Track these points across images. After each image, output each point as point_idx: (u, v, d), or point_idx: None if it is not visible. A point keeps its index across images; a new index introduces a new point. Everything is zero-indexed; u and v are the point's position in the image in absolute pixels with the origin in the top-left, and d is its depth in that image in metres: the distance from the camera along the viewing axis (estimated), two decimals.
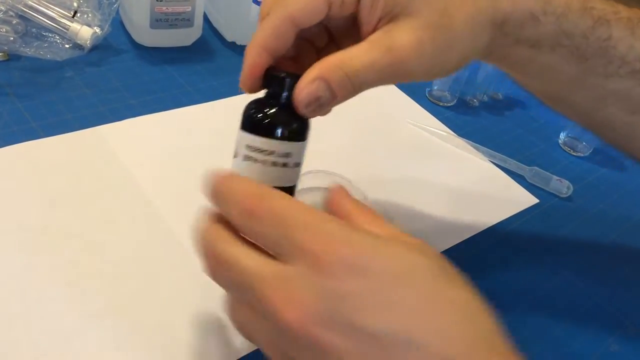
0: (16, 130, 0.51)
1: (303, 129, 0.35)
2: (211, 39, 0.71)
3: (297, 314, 0.27)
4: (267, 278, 0.28)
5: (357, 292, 0.26)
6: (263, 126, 0.33)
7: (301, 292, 0.27)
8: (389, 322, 0.26)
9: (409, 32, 0.33)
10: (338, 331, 0.26)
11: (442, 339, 0.26)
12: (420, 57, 0.34)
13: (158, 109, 0.57)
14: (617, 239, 0.57)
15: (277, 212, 0.29)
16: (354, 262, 0.27)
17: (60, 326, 0.37)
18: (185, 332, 0.39)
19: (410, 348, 0.26)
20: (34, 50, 0.59)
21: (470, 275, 0.51)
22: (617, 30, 0.37)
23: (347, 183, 0.53)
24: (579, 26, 0.37)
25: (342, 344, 0.26)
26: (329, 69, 0.32)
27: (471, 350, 0.26)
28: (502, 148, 0.63)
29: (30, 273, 0.40)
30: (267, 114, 0.33)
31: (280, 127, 0.33)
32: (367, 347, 0.26)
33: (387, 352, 0.26)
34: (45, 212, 0.44)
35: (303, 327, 0.26)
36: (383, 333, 0.26)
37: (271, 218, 0.29)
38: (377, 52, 0.33)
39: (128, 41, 0.66)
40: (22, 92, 0.56)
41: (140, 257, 0.43)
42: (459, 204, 0.56)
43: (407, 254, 0.28)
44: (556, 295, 0.49)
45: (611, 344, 0.46)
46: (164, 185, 0.49)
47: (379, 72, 0.33)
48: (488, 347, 0.27)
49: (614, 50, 0.38)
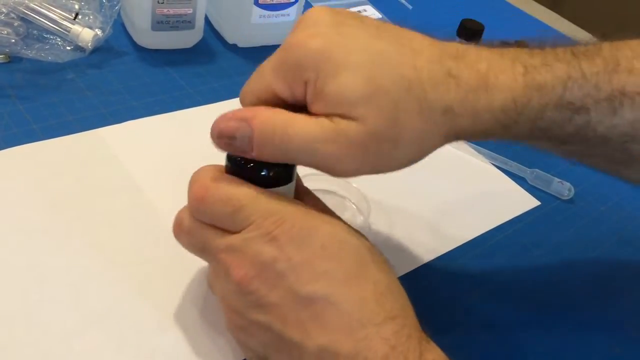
0: (17, 132, 0.51)
1: (289, 172, 0.36)
2: (212, 41, 0.71)
3: (243, 271, 0.32)
4: (220, 247, 0.34)
5: (293, 259, 0.32)
6: (250, 178, 0.35)
7: (247, 255, 0.32)
8: (315, 287, 0.31)
9: (355, 136, 0.32)
10: (273, 287, 0.32)
11: (360, 307, 0.31)
12: (361, 163, 0.33)
13: (159, 111, 0.57)
14: (619, 241, 0.57)
15: (222, 195, 0.34)
16: (296, 235, 0.32)
17: (61, 327, 0.37)
18: (188, 333, 0.39)
19: (327, 305, 0.31)
20: (35, 52, 0.59)
21: (471, 277, 0.51)
22: (595, 115, 0.35)
23: (348, 185, 0.53)
24: (556, 121, 0.34)
25: (272, 297, 0.32)
26: (262, 122, 0.33)
27: (382, 323, 0.31)
28: (503, 150, 0.63)
29: (31, 274, 0.40)
30: (252, 166, 0.35)
31: (266, 178, 0.35)
32: (292, 302, 0.32)
33: (308, 307, 0.31)
34: (46, 214, 0.44)
35: (246, 282, 0.32)
36: (311, 294, 0.31)
37: (218, 201, 0.34)
38: (322, 135, 0.32)
39: (129, 43, 0.66)
40: (24, 94, 0.56)
41: (141, 259, 0.43)
42: (460, 206, 0.56)
43: (340, 234, 0.33)
44: (557, 298, 0.49)
45: (613, 346, 0.46)
46: (165, 187, 0.49)
47: (310, 156, 0.33)
48: (399, 324, 0.32)
49: (594, 132, 0.35)
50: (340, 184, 0.53)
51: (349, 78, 0.31)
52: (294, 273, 0.32)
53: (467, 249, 0.51)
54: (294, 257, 0.32)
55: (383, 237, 0.50)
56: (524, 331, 0.46)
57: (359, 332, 0.31)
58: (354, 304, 0.31)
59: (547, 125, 0.35)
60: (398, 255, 0.49)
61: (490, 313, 0.46)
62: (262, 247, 0.32)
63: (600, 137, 0.36)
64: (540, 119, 0.34)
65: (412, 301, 0.34)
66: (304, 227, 0.33)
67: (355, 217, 0.52)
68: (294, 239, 0.32)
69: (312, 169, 0.34)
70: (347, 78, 0.31)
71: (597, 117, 0.35)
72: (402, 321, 0.32)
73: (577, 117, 0.35)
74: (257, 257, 0.32)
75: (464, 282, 0.48)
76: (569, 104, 0.34)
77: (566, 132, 0.35)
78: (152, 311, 0.40)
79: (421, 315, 0.34)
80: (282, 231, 0.32)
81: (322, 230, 0.33)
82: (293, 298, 0.32)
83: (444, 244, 0.51)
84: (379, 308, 0.32)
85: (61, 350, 0.36)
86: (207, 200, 0.34)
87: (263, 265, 0.32)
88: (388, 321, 0.31)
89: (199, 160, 0.37)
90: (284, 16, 0.69)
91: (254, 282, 0.32)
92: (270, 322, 0.32)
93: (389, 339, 0.31)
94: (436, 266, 0.49)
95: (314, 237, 0.32)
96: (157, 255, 0.43)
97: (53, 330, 0.37)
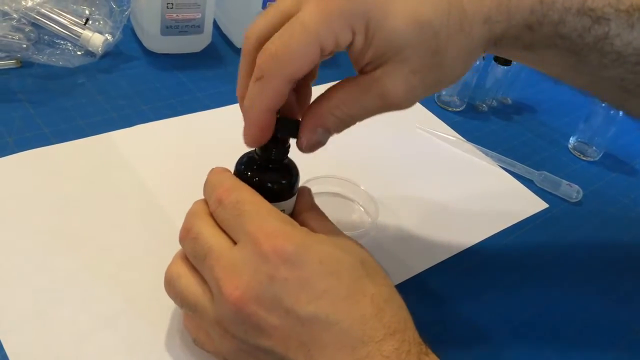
0: (29, 136, 0.52)
1: (292, 187, 0.38)
2: (221, 46, 0.71)
3: (238, 292, 0.32)
4: (220, 257, 0.33)
5: (290, 279, 0.31)
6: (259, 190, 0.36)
7: (244, 274, 0.32)
8: (315, 307, 0.31)
9: (400, 79, 0.34)
10: (270, 310, 0.31)
11: (360, 324, 0.31)
12: (411, 99, 0.35)
13: (169, 114, 0.58)
14: (627, 243, 0.56)
15: (238, 203, 0.34)
16: (290, 254, 0.32)
17: (72, 329, 0.38)
18: None
19: (328, 326, 0.31)
20: (46, 58, 0.60)
21: (479, 280, 0.51)
22: (615, 27, 0.36)
23: (356, 188, 0.53)
24: (577, 29, 0.36)
25: (272, 320, 0.31)
26: (323, 117, 0.35)
27: (382, 340, 0.31)
28: (511, 153, 0.63)
29: (43, 276, 0.41)
30: (258, 180, 0.37)
31: (270, 191, 0.36)
32: (292, 324, 0.31)
33: (309, 329, 0.31)
34: (57, 217, 0.45)
35: (241, 304, 0.31)
36: (311, 316, 0.31)
37: (232, 208, 0.34)
38: (369, 98, 0.34)
39: (139, 48, 0.67)
40: (35, 98, 0.56)
41: (152, 261, 0.43)
42: (467, 208, 0.56)
43: (335, 252, 0.33)
44: (565, 300, 0.49)
45: (621, 350, 0.46)
46: (175, 190, 0.49)
47: (370, 113, 0.36)
48: (399, 339, 0.32)
49: (611, 46, 0.37)
50: (348, 186, 0.53)
51: (396, 21, 0.32)
52: (292, 294, 0.31)
53: (474, 251, 0.51)
54: (289, 277, 0.31)
55: (391, 239, 0.50)
56: (531, 331, 0.46)
57: (361, 350, 0.31)
58: (354, 321, 0.31)
59: (568, 32, 0.36)
60: (405, 257, 0.49)
61: (496, 314, 0.46)
62: (257, 268, 0.32)
63: (616, 54, 0.37)
64: (562, 24, 0.35)
65: (418, 304, 0.34)
66: (298, 246, 0.32)
67: (363, 219, 0.52)
68: (289, 258, 0.32)
69: (321, 173, 0.35)
70: (394, 22, 0.32)
71: (615, 29, 0.36)
72: (402, 336, 0.32)
73: (597, 27, 0.36)
74: (253, 279, 0.32)
75: (472, 284, 0.48)
76: (590, 11, 0.36)
77: (585, 41, 0.36)
78: (162, 314, 0.40)
79: (428, 318, 0.34)
80: (275, 251, 0.32)
81: (317, 248, 0.33)
82: (293, 320, 0.31)
83: (451, 246, 0.51)
84: (378, 324, 0.32)
85: (72, 352, 0.37)
86: (223, 203, 0.34)
87: (259, 287, 0.31)
88: (388, 337, 0.31)
89: (209, 163, 0.38)
90: None
91: (250, 305, 0.31)
92: (273, 346, 0.32)
93: (389, 356, 0.31)
94: (443, 268, 0.49)
95: (309, 255, 0.32)
96: (167, 257, 0.44)
97: (64, 333, 0.38)
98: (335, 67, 0.69)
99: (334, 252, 0.34)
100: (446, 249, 0.51)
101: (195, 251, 0.35)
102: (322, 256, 0.33)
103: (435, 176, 0.59)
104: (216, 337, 0.34)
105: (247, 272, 0.32)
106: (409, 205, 0.55)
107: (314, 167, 0.52)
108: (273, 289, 0.31)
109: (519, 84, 0.72)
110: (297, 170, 0.39)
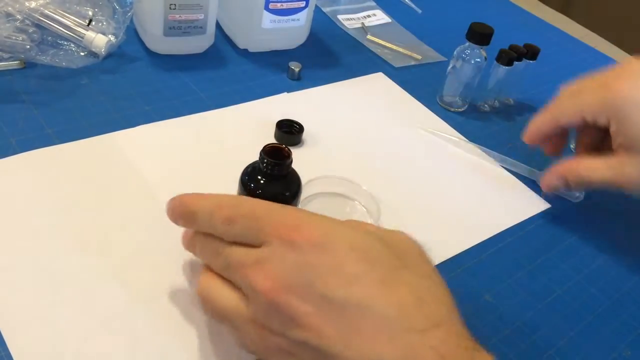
0: (32, 136, 0.52)
1: (294, 201, 0.40)
2: (223, 47, 0.72)
3: (270, 283, 0.31)
4: (247, 257, 0.33)
5: (319, 265, 0.31)
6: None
7: (273, 266, 0.32)
8: (345, 291, 0.30)
9: (637, 167, 0.48)
10: (303, 297, 0.31)
11: (398, 310, 0.30)
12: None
13: (171, 115, 0.58)
14: (630, 243, 0.56)
15: (247, 213, 0.34)
16: (318, 238, 0.32)
17: (73, 329, 0.38)
18: (199, 337, 0.39)
19: (361, 310, 0.30)
20: (49, 58, 0.60)
21: (482, 279, 0.51)
22: None
23: (358, 187, 0.53)
24: None
25: (306, 308, 0.30)
26: (570, 171, 0.53)
27: (426, 330, 0.30)
28: (513, 153, 0.63)
29: (44, 276, 0.41)
30: (261, 193, 0.39)
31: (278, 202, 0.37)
32: (326, 311, 0.30)
33: (342, 314, 0.30)
34: (60, 217, 0.45)
35: (274, 294, 0.31)
36: (343, 300, 0.30)
37: (247, 219, 0.34)
38: (609, 173, 0.50)
39: (142, 49, 0.67)
40: (38, 99, 0.57)
41: (154, 261, 0.43)
42: (470, 208, 0.56)
43: (364, 236, 0.33)
44: (569, 300, 0.49)
45: (624, 349, 0.46)
46: (177, 191, 0.49)
47: (603, 184, 0.51)
48: (445, 331, 0.30)
49: None
50: (349, 186, 0.53)
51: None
52: (322, 278, 0.30)
53: (477, 251, 0.51)
54: (319, 262, 0.31)
55: None
56: (534, 332, 0.46)
57: (402, 338, 0.29)
58: (392, 307, 0.30)
59: None
60: None
61: (499, 314, 0.46)
62: (284, 256, 0.31)
63: None
64: None
65: None
66: (326, 232, 0.32)
67: (365, 219, 0.52)
68: (316, 244, 0.31)
69: (323, 173, 0.35)
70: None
71: None
72: (448, 328, 0.30)
73: None
74: (282, 267, 0.31)
75: (474, 284, 0.48)
76: None
77: None
78: (164, 315, 0.40)
79: None
80: (302, 237, 0.32)
81: (347, 233, 0.33)
82: (326, 306, 0.30)
83: (454, 246, 0.51)
84: (419, 314, 0.30)
85: (75, 351, 0.37)
86: (233, 220, 0.34)
87: (289, 275, 0.31)
88: (432, 328, 0.30)
89: (211, 163, 0.38)
90: (294, 21, 0.69)
91: (282, 294, 0.31)
92: (308, 338, 0.30)
93: (436, 347, 0.29)
94: (446, 268, 0.49)
95: (338, 241, 0.32)
96: (169, 258, 0.44)
97: (65, 333, 0.38)
98: (335, 67, 0.69)
99: (366, 239, 0.33)
100: (448, 249, 0.51)
101: (226, 262, 0.34)
102: (352, 242, 0.32)
103: (437, 176, 0.59)
104: (256, 338, 0.33)
105: (276, 262, 0.32)
106: (411, 205, 0.55)
107: (316, 167, 0.52)
108: (304, 275, 0.31)
109: (521, 84, 0.72)
110: (300, 181, 0.40)
